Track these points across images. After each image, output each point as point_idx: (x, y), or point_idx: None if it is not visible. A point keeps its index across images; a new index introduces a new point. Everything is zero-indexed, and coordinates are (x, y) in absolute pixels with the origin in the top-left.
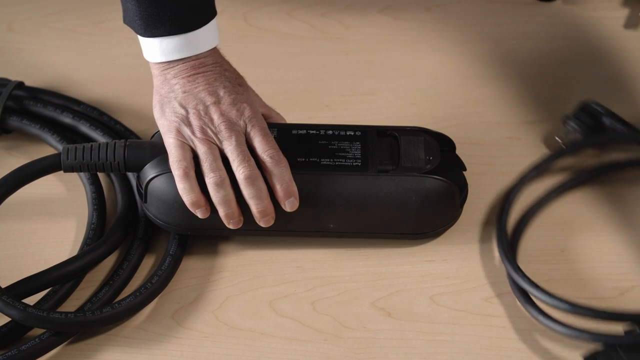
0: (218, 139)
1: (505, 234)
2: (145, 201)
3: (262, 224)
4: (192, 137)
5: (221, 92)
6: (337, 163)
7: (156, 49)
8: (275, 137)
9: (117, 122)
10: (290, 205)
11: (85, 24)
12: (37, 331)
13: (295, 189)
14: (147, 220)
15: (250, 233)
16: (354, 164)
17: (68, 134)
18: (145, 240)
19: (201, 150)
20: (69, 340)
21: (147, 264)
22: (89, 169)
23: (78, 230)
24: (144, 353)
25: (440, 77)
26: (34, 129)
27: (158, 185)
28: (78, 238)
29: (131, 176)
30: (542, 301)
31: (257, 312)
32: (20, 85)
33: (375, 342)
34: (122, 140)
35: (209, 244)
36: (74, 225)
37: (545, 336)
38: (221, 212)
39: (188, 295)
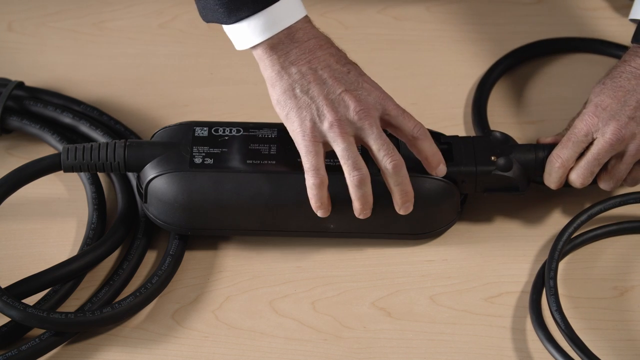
0: (355, 128)
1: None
2: (146, 201)
3: (402, 212)
4: (329, 131)
5: (349, 77)
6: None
7: (246, 32)
8: (276, 137)
9: (117, 122)
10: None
11: (85, 24)
12: (37, 331)
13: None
14: (147, 220)
15: (250, 233)
16: None
17: (68, 134)
18: (146, 240)
19: (340, 146)
20: (69, 340)
21: (147, 264)
22: (89, 169)
23: (78, 230)
24: (144, 353)
25: (440, 77)
26: (34, 129)
27: (158, 185)
28: (78, 238)
29: (131, 176)
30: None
31: (257, 312)
32: (20, 85)
33: (375, 342)
34: (122, 140)
35: (209, 244)
36: (74, 225)
37: None
38: (356, 207)
39: (188, 295)
